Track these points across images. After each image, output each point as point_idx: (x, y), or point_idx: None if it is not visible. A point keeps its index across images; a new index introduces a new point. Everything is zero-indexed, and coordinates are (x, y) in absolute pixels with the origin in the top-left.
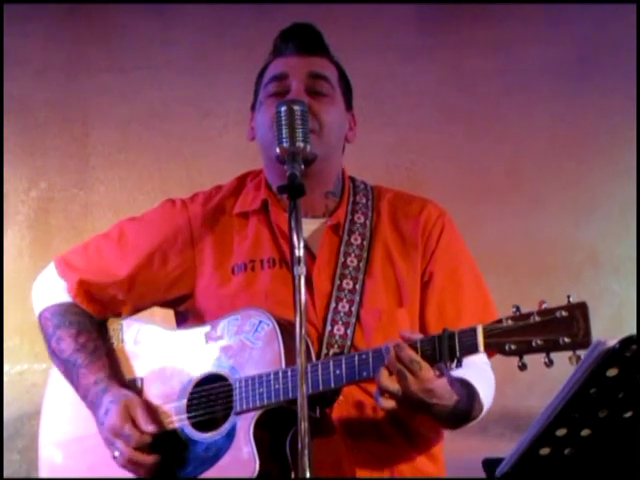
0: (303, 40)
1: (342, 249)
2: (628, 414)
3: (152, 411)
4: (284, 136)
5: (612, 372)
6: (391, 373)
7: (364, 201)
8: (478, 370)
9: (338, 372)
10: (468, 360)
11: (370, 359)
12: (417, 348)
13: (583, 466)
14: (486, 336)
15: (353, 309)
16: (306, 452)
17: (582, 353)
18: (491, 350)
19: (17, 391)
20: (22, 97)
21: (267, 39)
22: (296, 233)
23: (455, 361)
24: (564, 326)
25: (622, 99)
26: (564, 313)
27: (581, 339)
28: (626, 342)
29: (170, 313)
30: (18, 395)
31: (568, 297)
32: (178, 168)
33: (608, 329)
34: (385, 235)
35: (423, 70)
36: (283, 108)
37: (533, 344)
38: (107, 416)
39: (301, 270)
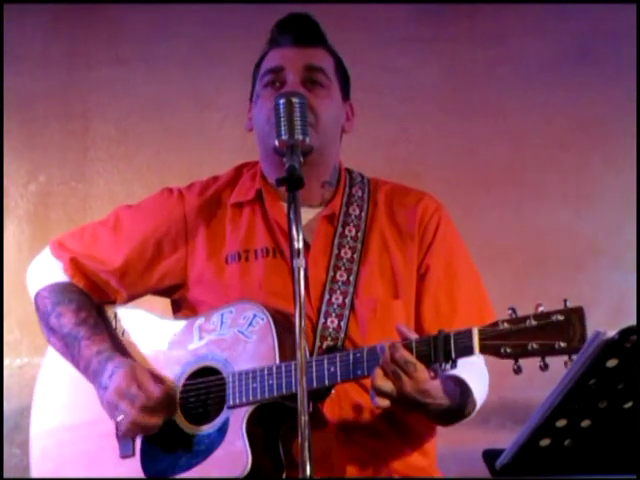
0: (299, 31)
1: (336, 241)
2: (628, 405)
3: (157, 378)
4: (283, 129)
5: (612, 363)
6: (386, 373)
7: (360, 194)
8: (471, 366)
9: (332, 370)
10: None
11: (365, 358)
12: (412, 349)
13: (583, 457)
14: (482, 338)
15: (347, 301)
16: (306, 445)
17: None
18: (486, 353)
19: (17, 385)
20: (21, 90)
21: (267, 31)
22: (295, 225)
23: (450, 362)
24: (560, 330)
25: (621, 90)
26: (560, 317)
27: (577, 344)
28: (626, 333)
29: (168, 302)
30: (18, 389)
31: (565, 301)
32: (177, 161)
33: (608, 320)
34: (381, 225)
35: (422, 62)
36: (282, 101)
37: (529, 347)
38: (112, 379)
39: (300, 263)
